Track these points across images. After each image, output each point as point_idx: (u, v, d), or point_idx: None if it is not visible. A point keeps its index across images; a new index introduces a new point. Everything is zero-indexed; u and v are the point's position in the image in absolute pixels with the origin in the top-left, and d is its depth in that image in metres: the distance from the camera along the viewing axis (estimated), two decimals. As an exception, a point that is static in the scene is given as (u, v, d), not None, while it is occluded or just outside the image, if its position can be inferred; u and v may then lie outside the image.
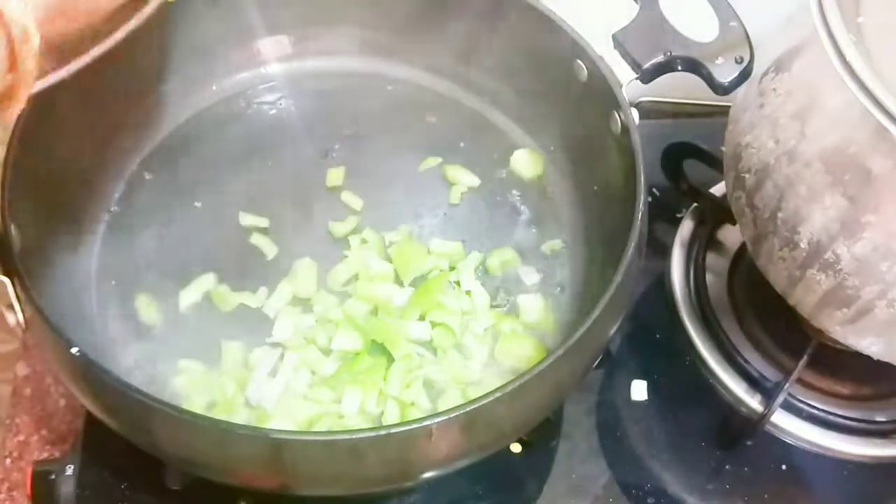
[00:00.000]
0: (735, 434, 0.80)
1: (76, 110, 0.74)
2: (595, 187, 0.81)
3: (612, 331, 0.67)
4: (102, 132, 0.78)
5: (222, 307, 0.75)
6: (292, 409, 0.70)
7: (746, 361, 0.81)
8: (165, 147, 0.84)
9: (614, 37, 0.74)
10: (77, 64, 0.56)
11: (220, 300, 0.75)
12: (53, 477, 0.72)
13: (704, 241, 0.88)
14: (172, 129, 0.84)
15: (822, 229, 0.66)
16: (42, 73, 0.52)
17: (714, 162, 0.87)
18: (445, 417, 0.57)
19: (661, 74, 0.74)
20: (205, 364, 0.72)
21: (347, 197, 0.82)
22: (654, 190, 0.91)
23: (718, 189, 0.89)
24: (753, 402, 0.80)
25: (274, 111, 0.87)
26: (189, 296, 0.75)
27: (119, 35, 0.57)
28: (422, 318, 0.75)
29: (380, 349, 0.73)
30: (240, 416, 0.69)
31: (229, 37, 0.85)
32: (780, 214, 0.69)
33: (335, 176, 0.83)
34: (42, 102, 0.69)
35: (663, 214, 0.91)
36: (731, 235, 0.89)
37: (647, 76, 0.73)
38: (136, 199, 0.81)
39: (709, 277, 0.86)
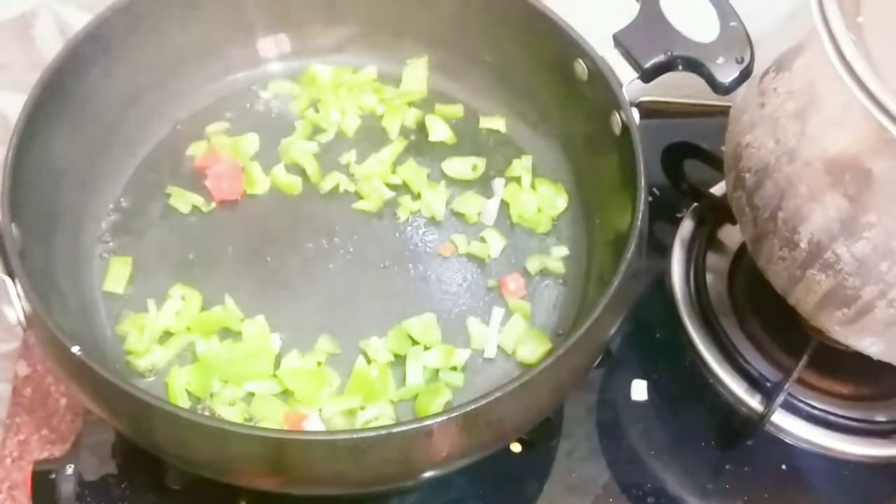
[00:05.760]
0: (735, 434, 0.80)
1: (78, 110, 0.75)
2: (595, 187, 0.81)
3: (613, 330, 0.67)
4: (103, 132, 0.78)
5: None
6: None
7: (746, 361, 0.81)
8: (165, 146, 0.84)
9: (615, 36, 0.74)
10: None
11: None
12: (54, 476, 0.72)
13: (705, 241, 0.88)
14: (172, 129, 0.84)
15: (823, 229, 0.66)
16: None
17: (714, 162, 0.87)
18: (446, 417, 0.57)
19: (662, 74, 0.74)
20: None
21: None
22: (654, 189, 0.91)
23: (719, 189, 0.89)
24: (753, 401, 0.80)
25: (274, 110, 0.87)
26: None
27: None
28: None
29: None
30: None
31: (229, 36, 0.85)
32: (780, 214, 0.69)
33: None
34: (45, 102, 0.70)
35: (664, 214, 0.91)
36: (731, 235, 0.89)
37: (648, 76, 0.74)
38: (136, 198, 0.81)
39: (709, 277, 0.86)
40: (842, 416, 0.80)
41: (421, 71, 0.88)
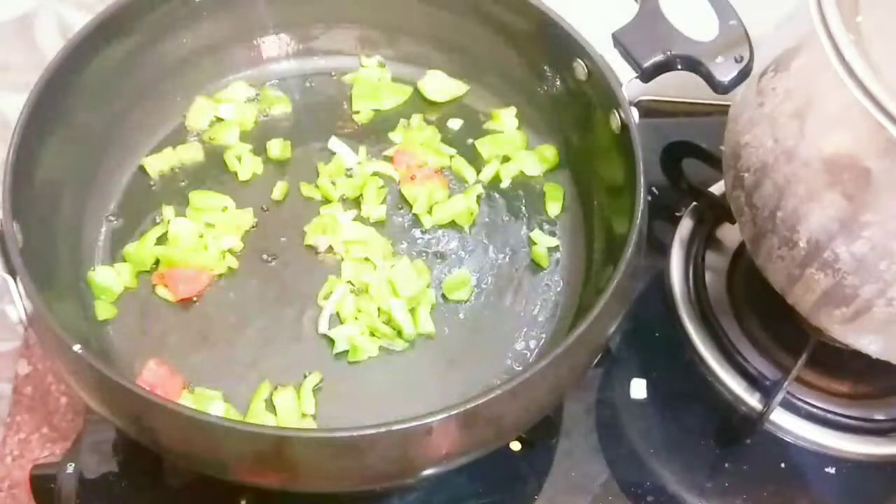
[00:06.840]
0: (734, 432, 0.80)
1: (79, 109, 0.75)
2: (595, 186, 0.81)
3: (612, 329, 0.67)
4: (105, 130, 0.79)
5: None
6: None
7: (745, 360, 0.81)
8: (167, 146, 0.84)
9: (614, 36, 0.74)
10: None
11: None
12: (54, 475, 0.73)
13: (704, 240, 0.88)
14: (174, 128, 0.85)
15: (821, 228, 0.66)
16: None
17: (713, 161, 0.88)
18: (445, 415, 0.57)
19: (661, 73, 0.74)
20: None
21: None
22: (653, 188, 0.91)
23: (718, 188, 0.89)
24: (752, 400, 0.80)
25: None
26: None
27: None
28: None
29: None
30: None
31: (231, 36, 0.85)
32: (779, 213, 0.69)
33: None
34: (45, 102, 0.70)
35: (663, 213, 0.91)
36: (730, 234, 0.89)
37: (647, 75, 0.74)
38: (137, 196, 0.81)
39: (708, 276, 0.86)
40: (841, 415, 0.80)
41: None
